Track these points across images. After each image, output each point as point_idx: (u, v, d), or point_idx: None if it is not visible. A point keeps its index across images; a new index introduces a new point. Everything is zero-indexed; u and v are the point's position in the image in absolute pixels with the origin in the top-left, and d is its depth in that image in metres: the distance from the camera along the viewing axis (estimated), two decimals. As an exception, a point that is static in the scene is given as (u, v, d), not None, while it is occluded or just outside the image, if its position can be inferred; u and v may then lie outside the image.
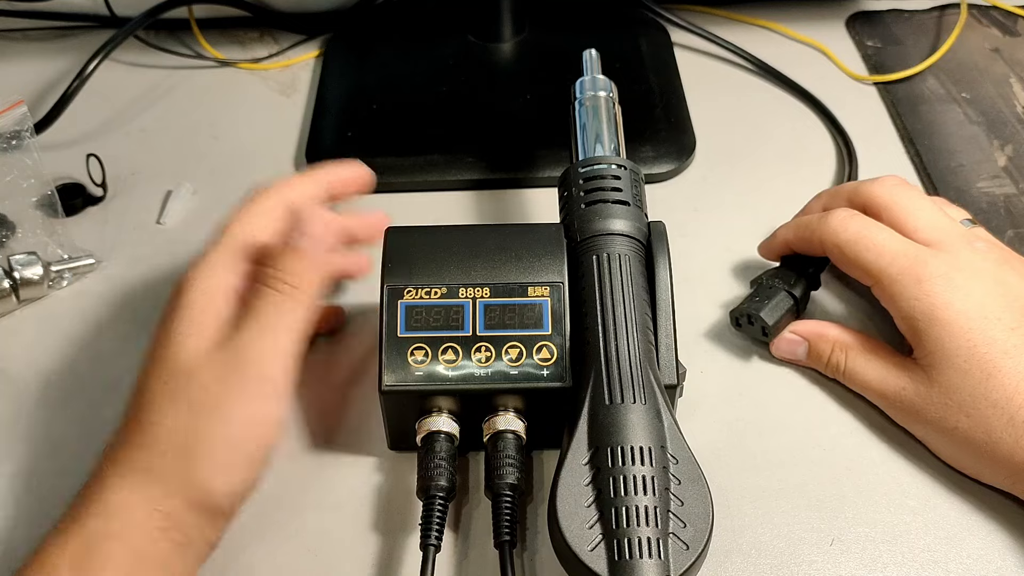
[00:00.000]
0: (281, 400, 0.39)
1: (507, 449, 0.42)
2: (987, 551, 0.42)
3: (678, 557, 0.36)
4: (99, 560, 0.35)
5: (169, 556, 0.37)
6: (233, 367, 0.38)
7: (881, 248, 0.46)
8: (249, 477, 0.39)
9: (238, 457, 0.38)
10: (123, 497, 0.37)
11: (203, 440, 0.37)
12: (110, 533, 0.36)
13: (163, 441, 0.37)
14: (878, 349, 0.47)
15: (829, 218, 0.48)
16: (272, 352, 0.39)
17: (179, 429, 0.37)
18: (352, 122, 0.63)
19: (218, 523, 0.39)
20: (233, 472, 0.38)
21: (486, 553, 0.42)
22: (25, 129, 0.55)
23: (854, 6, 0.73)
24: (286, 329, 0.39)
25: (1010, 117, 0.64)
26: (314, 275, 0.41)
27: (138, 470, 0.37)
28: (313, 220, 0.42)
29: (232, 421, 0.37)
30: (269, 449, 0.39)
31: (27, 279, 0.52)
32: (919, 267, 0.45)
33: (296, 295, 0.40)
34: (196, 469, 0.37)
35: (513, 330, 0.43)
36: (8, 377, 0.50)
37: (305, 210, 0.42)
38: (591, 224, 0.45)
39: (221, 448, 0.37)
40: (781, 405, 0.48)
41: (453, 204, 0.59)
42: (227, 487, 0.38)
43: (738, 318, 0.50)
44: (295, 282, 0.40)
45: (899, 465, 0.45)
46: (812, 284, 0.51)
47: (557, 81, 0.55)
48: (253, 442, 0.38)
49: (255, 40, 0.72)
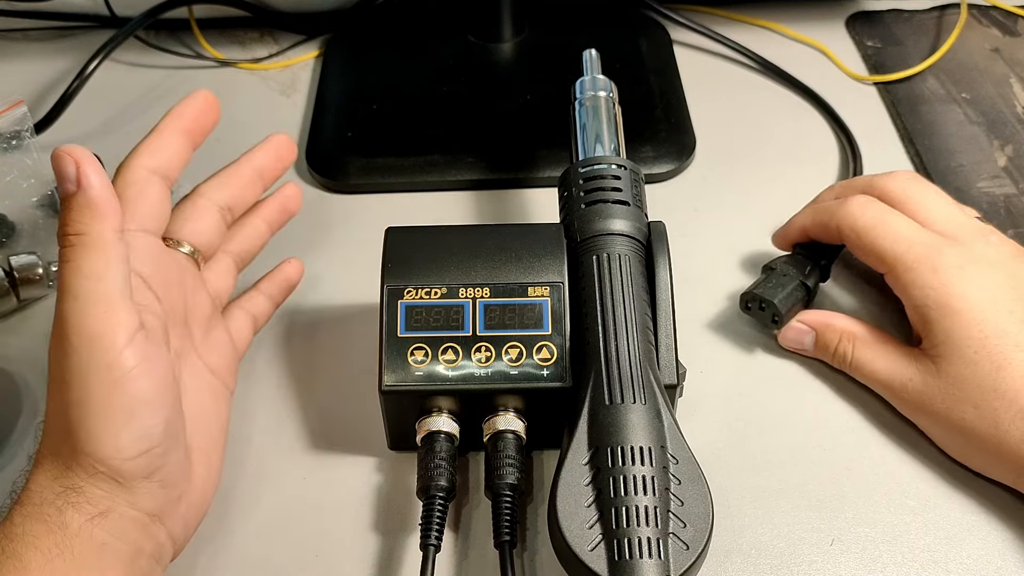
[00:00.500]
0: (117, 347, 0.37)
1: (507, 449, 0.42)
2: (987, 551, 0.42)
3: (678, 557, 0.36)
4: (18, 541, 0.35)
5: (87, 527, 0.36)
6: (59, 336, 0.37)
7: (898, 235, 0.46)
8: (138, 432, 0.37)
9: (108, 417, 0.36)
10: (36, 481, 0.37)
11: (71, 413, 0.36)
12: (25, 514, 0.36)
13: (53, 426, 0.37)
14: (885, 340, 0.47)
15: (848, 203, 0.48)
16: (80, 308, 0.37)
17: (56, 411, 0.37)
18: (352, 122, 0.63)
19: (137, 488, 0.37)
20: (112, 432, 0.36)
21: (486, 553, 0.42)
22: (25, 129, 0.55)
23: (854, 6, 0.73)
24: (84, 279, 0.37)
25: (1010, 117, 0.64)
26: (92, 214, 0.37)
27: (45, 456, 0.37)
28: (61, 162, 0.38)
29: (81, 386, 0.36)
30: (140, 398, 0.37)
31: (27, 279, 0.52)
32: (935, 256, 0.45)
33: (82, 241, 0.37)
34: (78, 441, 0.36)
35: (513, 330, 0.43)
36: (8, 377, 0.50)
37: (53, 157, 0.38)
38: (591, 224, 0.45)
39: (87, 414, 0.36)
40: (781, 405, 0.48)
41: (453, 204, 0.59)
42: (115, 450, 0.36)
43: (748, 302, 0.50)
44: (76, 229, 0.37)
45: (899, 465, 0.45)
46: (823, 275, 0.51)
47: (557, 81, 0.55)
48: (113, 397, 0.36)
49: (255, 40, 0.72)
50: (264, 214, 0.51)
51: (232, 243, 0.49)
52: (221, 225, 0.47)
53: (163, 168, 0.44)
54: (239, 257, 0.50)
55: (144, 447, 0.37)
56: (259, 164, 0.49)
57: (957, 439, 0.44)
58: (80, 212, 0.37)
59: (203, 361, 0.44)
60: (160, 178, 0.43)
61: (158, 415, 0.38)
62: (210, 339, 0.46)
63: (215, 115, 0.47)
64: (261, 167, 0.49)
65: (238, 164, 0.49)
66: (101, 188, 0.37)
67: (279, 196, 0.51)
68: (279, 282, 0.51)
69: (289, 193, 0.52)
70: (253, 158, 0.49)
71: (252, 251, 0.50)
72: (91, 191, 0.37)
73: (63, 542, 0.36)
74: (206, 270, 0.47)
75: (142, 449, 0.37)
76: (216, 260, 0.48)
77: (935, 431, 0.45)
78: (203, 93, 0.46)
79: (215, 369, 0.45)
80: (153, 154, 0.44)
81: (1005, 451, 0.42)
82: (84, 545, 0.36)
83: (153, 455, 0.37)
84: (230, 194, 0.48)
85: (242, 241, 0.50)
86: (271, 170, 0.50)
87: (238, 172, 0.49)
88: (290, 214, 0.52)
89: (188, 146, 0.45)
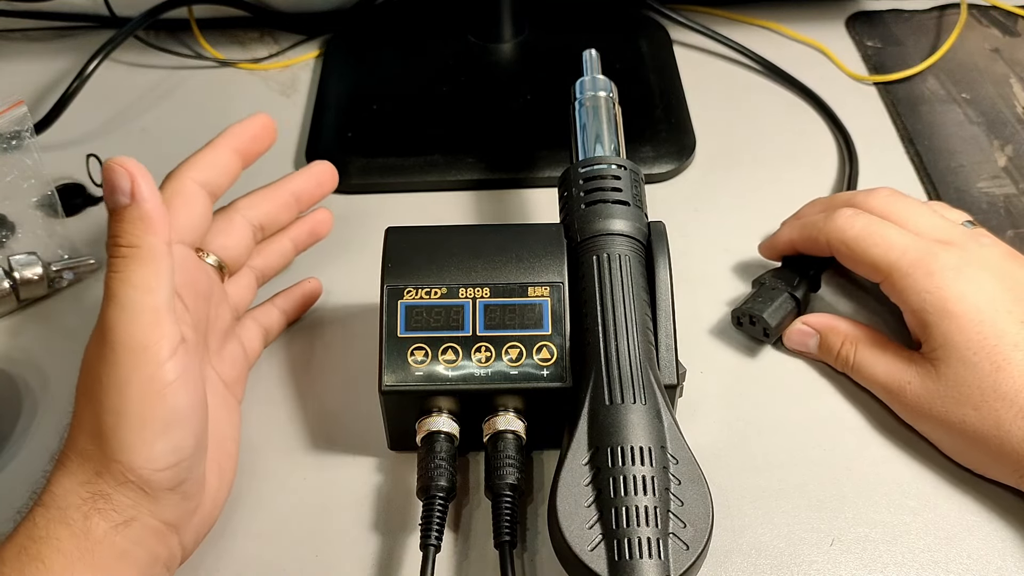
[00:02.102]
0: (160, 359, 0.37)
1: (507, 449, 0.42)
2: (987, 551, 0.42)
3: (678, 557, 0.36)
4: (43, 544, 0.36)
5: (110, 534, 0.36)
6: (102, 344, 0.37)
7: (890, 243, 0.46)
8: (170, 444, 0.37)
9: (144, 427, 0.37)
10: (61, 485, 0.37)
11: (106, 420, 0.37)
12: (50, 518, 0.36)
13: (84, 431, 0.37)
14: (886, 344, 0.47)
15: (835, 217, 0.48)
16: (127, 318, 0.37)
17: (90, 417, 0.37)
18: (352, 122, 0.63)
19: (161, 498, 0.38)
20: (146, 443, 0.37)
21: (486, 553, 0.42)
22: (25, 129, 0.55)
23: (854, 6, 0.73)
24: (133, 290, 0.37)
25: (1010, 117, 0.64)
26: (145, 227, 0.38)
27: (72, 460, 0.37)
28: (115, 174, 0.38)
29: (119, 394, 0.37)
30: (176, 411, 0.37)
31: (27, 279, 0.52)
32: (929, 260, 0.45)
33: (134, 253, 0.38)
34: (111, 449, 0.37)
35: (513, 330, 0.43)
36: (8, 377, 0.50)
37: (106, 169, 0.39)
38: (591, 224, 0.45)
39: (124, 423, 0.37)
40: (781, 405, 0.48)
41: (453, 204, 0.59)
42: (147, 460, 0.37)
43: (739, 317, 0.50)
44: (129, 241, 0.38)
45: (899, 465, 0.45)
46: (813, 286, 0.51)
47: (557, 81, 0.55)
48: (152, 408, 0.37)
49: (255, 40, 0.72)
50: (293, 234, 0.51)
51: (257, 259, 0.50)
52: (251, 242, 0.48)
53: (211, 183, 0.45)
54: (262, 273, 0.50)
55: (174, 460, 0.38)
56: (298, 188, 0.50)
57: (958, 441, 0.44)
58: (133, 224, 0.38)
59: (216, 372, 0.45)
60: (206, 193, 0.44)
61: (191, 429, 0.38)
62: (225, 351, 0.46)
63: (271, 140, 0.48)
64: (299, 191, 0.50)
65: (278, 185, 0.50)
66: (155, 202, 0.38)
67: (310, 219, 0.52)
68: (296, 299, 0.51)
69: (320, 218, 0.52)
70: (293, 181, 0.50)
71: (275, 268, 0.51)
72: (145, 205, 0.38)
73: (86, 547, 0.36)
74: (229, 283, 0.47)
75: (172, 461, 0.38)
76: (240, 274, 0.49)
77: (936, 434, 0.45)
78: (263, 117, 0.47)
79: (228, 381, 0.45)
80: (204, 168, 0.45)
81: (1007, 451, 0.42)
82: (106, 552, 0.36)
83: (181, 468, 0.38)
84: (265, 213, 0.49)
85: (267, 257, 0.50)
86: (309, 195, 0.51)
87: (276, 193, 0.49)
88: (318, 237, 0.53)
89: (238, 165, 0.46)
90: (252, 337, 0.49)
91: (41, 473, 0.39)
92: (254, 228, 0.48)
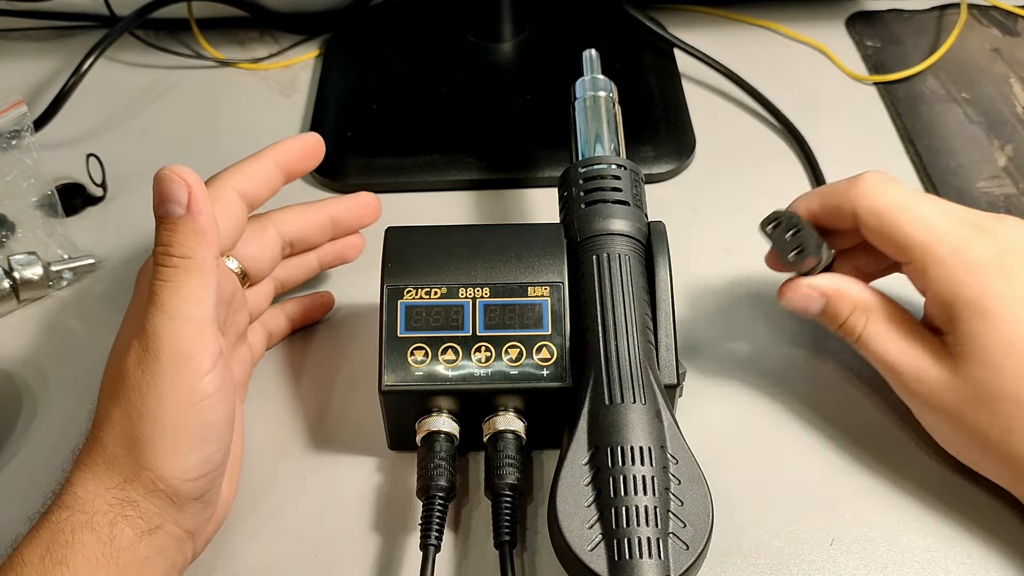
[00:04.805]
0: (202, 371, 0.38)
1: (507, 449, 0.42)
2: (987, 551, 0.42)
3: (678, 557, 0.36)
4: (68, 548, 0.36)
5: (135, 542, 0.37)
6: (145, 351, 0.37)
7: (928, 223, 0.42)
8: (202, 456, 0.38)
9: (179, 438, 0.37)
10: (87, 489, 0.37)
11: (142, 428, 0.37)
12: (75, 522, 0.36)
13: (115, 435, 0.37)
14: (903, 320, 0.43)
15: (862, 183, 0.43)
16: (174, 327, 0.37)
17: (123, 422, 0.37)
18: (352, 122, 0.63)
19: (186, 508, 0.38)
20: (180, 453, 0.37)
21: (486, 553, 0.42)
22: (25, 129, 0.55)
23: (854, 6, 0.73)
24: (183, 300, 0.38)
25: (1010, 117, 0.64)
26: (198, 239, 0.38)
27: (99, 464, 0.37)
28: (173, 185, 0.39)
29: (158, 403, 0.37)
30: (212, 423, 0.38)
31: (27, 279, 0.52)
32: (968, 250, 0.41)
33: (186, 264, 0.38)
34: (144, 457, 0.37)
35: (513, 330, 0.43)
36: (8, 377, 0.50)
37: (162, 178, 0.39)
38: (591, 224, 0.45)
39: (159, 432, 0.37)
40: (781, 405, 0.48)
41: (453, 204, 0.59)
42: (179, 471, 0.37)
43: (777, 222, 0.45)
44: (180, 252, 0.38)
45: (899, 465, 0.45)
46: None
47: (557, 81, 0.55)
48: (189, 420, 0.37)
49: (255, 40, 0.72)
50: (321, 253, 0.51)
51: (281, 270, 0.49)
52: (279, 257, 0.48)
53: (251, 194, 0.45)
54: (283, 284, 0.50)
55: (204, 470, 0.38)
56: (338, 214, 0.50)
57: (962, 438, 0.43)
58: (187, 236, 0.38)
59: None
60: (245, 203, 0.44)
61: (223, 441, 0.39)
62: (235, 354, 0.46)
63: (317, 159, 0.48)
64: (339, 217, 0.50)
65: (318, 206, 0.49)
66: (209, 216, 0.39)
67: (342, 241, 0.51)
68: (305, 309, 0.51)
69: (352, 242, 0.52)
70: (335, 206, 0.50)
71: (296, 281, 0.51)
72: (200, 218, 0.38)
73: (111, 554, 0.36)
74: (249, 291, 0.47)
75: (202, 472, 0.38)
76: (261, 283, 0.48)
77: (939, 428, 0.43)
78: (313, 136, 0.48)
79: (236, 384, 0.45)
80: (247, 179, 0.45)
81: (1012, 456, 0.41)
82: (130, 559, 0.37)
83: (209, 478, 0.38)
84: (299, 231, 0.48)
85: (291, 270, 0.50)
86: (348, 225, 0.50)
87: (315, 214, 0.49)
88: (345, 260, 0.52)
89: (281, 180, 0.46)
90: (257, 340, 0.49)
91: (42, 473, 0.39)
92: (284, 243, 0.48)
